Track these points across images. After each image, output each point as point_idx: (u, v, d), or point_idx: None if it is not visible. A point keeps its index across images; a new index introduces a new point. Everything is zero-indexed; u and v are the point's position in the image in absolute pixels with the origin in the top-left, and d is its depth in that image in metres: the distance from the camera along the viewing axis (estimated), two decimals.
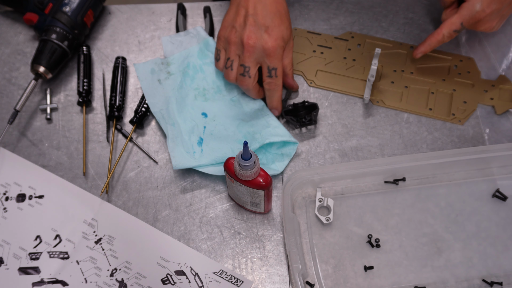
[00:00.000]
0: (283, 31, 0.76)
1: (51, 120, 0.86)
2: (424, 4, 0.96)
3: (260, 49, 0.75)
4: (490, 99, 0.85)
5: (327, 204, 0.76)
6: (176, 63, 0.86)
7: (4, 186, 0.80)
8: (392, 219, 0.76)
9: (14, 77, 0.90)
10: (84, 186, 0.80)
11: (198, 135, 0.81)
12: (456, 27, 0.81)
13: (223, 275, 0.73)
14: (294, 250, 0.69)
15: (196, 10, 0.96)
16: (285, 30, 0.77)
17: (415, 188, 0.78)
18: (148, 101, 0.84)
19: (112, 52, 0.92)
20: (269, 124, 0.80)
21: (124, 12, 0.96)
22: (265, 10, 0.75)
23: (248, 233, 0.76)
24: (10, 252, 0.75)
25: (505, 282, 0.71)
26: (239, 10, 0.77)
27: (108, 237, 0.76)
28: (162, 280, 0.73)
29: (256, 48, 0.75)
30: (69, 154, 0.83)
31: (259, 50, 0.75)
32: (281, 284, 0.73)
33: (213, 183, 0.80)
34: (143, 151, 0.83)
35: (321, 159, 0.81)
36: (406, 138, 0.83)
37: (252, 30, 0.75)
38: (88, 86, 0.86)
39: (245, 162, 0.65)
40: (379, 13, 0.95)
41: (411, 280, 0.72)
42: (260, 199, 0.72)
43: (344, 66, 0.89)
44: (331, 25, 0.94)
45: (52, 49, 0.85)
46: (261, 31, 0.75)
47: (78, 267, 0.74)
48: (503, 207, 0.76)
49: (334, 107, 0.86)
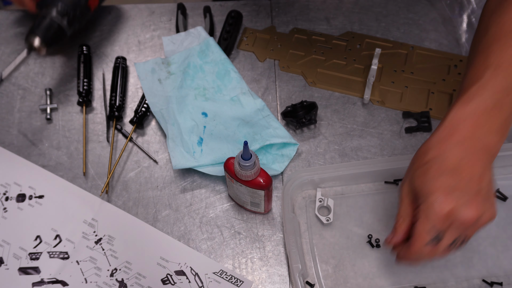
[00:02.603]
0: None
1: (51, 120, 0.86)
2: (424, 4, 0.96)
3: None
4: None
5: (327, 204, 0.76)
6: (177, 63, 0.86)
7: (4, 186, 0.80)
8: (392, 219, 0.76)
9: (14, 77, 0.90)
10: (84, 186, 0.80)
11: (198, 135, 0.81)
12: (429, 236, 0.59)
13: (223, 275, 0.73)
14: (294, 250, 0.69)
15: (196, 10, 0.96)
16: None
17: None
18: (148, 101, 0.84)
19: (112, 52, 0.92)
20: (270, 125, 0.80)
21: (124, 12, 0.96)
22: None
23: (248, 233, 0.76)
24: (10, 252, 0.75)
25: (505, 282, 0.71)
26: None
27: (108, 237, 0.76)
28: (162, 280, 0.73)
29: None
30: (69, 154, 0.83)
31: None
32: (281, 284, 0.73)
33: (213, 183, 0.80)
34: (143, 151, 0.83)
35: (321, 159, 0.81)
36: (406, 138, 0.83)
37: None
38: (88, 86, 0.86)
39: (245, 162, 0.65)
40: (379, 13, 0.95)
41: (411, 280, 0.72)
42: (260, 199, 0.72)
43: (344, 66, 0.89)
44: (331, 25, 0.94)
45: (50, 24, 0.82)
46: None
47: (78, 267, 0.74)
48: (503, 207, 0.76)
49: (334, 107, 0.86)
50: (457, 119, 0.60)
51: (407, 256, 0.62)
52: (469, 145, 0.59)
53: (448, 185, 0.58)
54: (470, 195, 0.58)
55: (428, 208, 0.58)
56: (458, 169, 0.59)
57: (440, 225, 0.58)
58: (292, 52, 0.91)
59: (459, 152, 0.59)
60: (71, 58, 0.91)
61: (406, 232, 0.62)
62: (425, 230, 0.59)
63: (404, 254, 0.62)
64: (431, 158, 0.60)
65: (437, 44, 0.91)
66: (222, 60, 0.86)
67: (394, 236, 0.63)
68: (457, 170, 0.59)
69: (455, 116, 0.60)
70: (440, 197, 0.58)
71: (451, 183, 0.58)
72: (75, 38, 0.93)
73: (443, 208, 0.57)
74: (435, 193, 0.58)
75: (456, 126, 0.60)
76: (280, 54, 0.91)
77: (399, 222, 0.63)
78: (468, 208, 0.57)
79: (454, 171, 0.58)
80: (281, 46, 0.92)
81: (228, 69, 0.85)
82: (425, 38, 0.92)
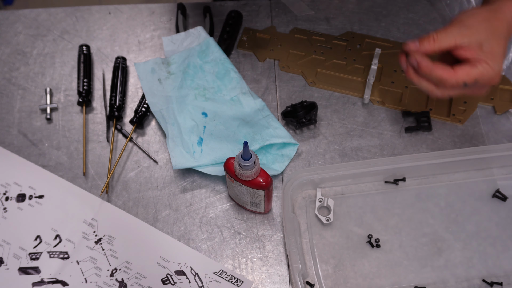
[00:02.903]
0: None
1: (51, 120, 0.86)
2: (424, 4, 0.96)
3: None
4: (490, 99, 0.85)
5: (327, 204, 0.76)
6: (177, 63, 0.86)
7: (4, 186, 0.80)
8: (392, 219, 0.76)
9: (14, 77, 0.90)
10: (84, 186, 0.80)
11: (198, 135, 0.81)
12: (470, 81, 0.68)
13: (223, 275, 0.73)
14: (294, 250, 0.69)
15: (196, 10, 0.96)
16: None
17: (415, 188, 0.78)
18: (148, 101, 0.84)
19: (112, 52, 0.92)
20: (270, 125, 0.80)
21: (124, 12, 0.96)
22: None
23: (248, 233, 0.76)
24: (10, 252, 0.75)
25: (505, 282, 0.71)
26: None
27: (108, 237, 0.76)
28: (162, 280, 0.73)
29: None
30: (69, 154, 0.83)
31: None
32: (281, 284, 0.73)
33: (213, 183, 0.80)
34: (143, 151, 0.83)
35: (321, 159, 0.81)
36: (406, 138, 0.83)
37: None
38: (88, 86, 0.86)
39: (245, 162, 0.65)
40: (379, 13, 0.95)
41: (411, 280, 0.72)
42: (260, 199, 0.72)
43: (344, 66, 0.89)
44: (331, 25, 0.94)
45: None
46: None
47: (78, 267, 0.74)
48: (503, 207, 0.76)
49: (334, 107, 0.86)
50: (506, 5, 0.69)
51: (446, 75, 0.67)
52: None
53: (501, 66, 0.67)
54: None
55: (489, 69, 0.66)
56: (504, 52, 0.68)
57: (479, 81, 0.67)
58: (292, 52, 0.91)
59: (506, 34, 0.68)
60: (71, 58, 0.92)
61: (431, 52, 0.68)
62: (474, 76, 0.66)
63: (444, 73, 0.67)
64: (496, 31, 0.68)
65: None
66: (222, 60, 0.86)
67: (421, 46, 0.68)
68: (504, 53, 0.68)
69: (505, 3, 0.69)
70: (499, 71, 0.66)
71: (501, 63, 0.67)
72: (75, 38, 0.93)
73: (496, 81, 0.67)
74: (501, 66, 0.66)
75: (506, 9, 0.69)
76: (280, 54, 0.91)
77: (433, 41, 0.68)
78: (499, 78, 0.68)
79: (503, 55, 0.68)
80: (281, 46, 0.92)
81: (228, 69, 0.85)
82: None
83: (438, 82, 0.68)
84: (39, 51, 0.92)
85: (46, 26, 0.95)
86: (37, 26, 0.95)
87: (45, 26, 0.95)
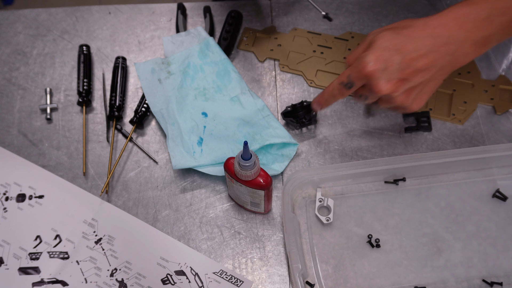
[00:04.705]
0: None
1: (51, 120, 0.86)
2: (424, 4, 0.96)
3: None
4: (490, 99, 0.85)
5: (327, 204, 0.76)
6: (177, 63, 0.86)
7: (4, 186, 0.80)
8: (392, 219, 0.76)
9: (14, 77, 0.90)
10: (84, 186, 0.80)
11: (198, 135, 0.81)
12: (343, 80, 0.68)
13: (223, 275, 0.73)
14: (294, 250, 0.69)
15: (196, 10, 0.96)
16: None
17: (415, 188, 0.78)
18: (148, 101, 0.84)
19: (112, 52, 0.92)
20: (270, 125, 0.80)
21: (124, 12, 0.96)
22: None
23: (248, 233, 0.76)
24: (10, 252, 0.75)
25: (505, 282, 0.71)
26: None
27: (108, 237, 0.76)
28: (162, 280, 0.73)
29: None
30: (69, 154, 0.83)
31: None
32: (281, 284, 0.73)
33: (213, 183, 0.80)
34: (143, 151, 0.83)
35: (321, 159, 0.81)
36: (406, 138, 0.83)
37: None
38: (88, 86, 0.86)
39: (245, 162, 0.65)
40: (379, 13, 0.95)
41: (411, 280, 0.72)
42: (260, 199, 0.72)
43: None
44: (331, 25, 0.94)
45: None
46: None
47: (78, 267, 0.74)
48: (503, 207, 0.76)
49: (334, 107, 0.86)
50: (449, 17, 0.64)
51: (325, 91, 0.71)
52: (439, 45, 0.64)
53: (393, 60, 0.63)
54: (396, 78, 0.64)
55: (360, 61, 0.64)
56: (415, 58, 0.63)
57: (354, 77, 0.66)
58: (292, 52, 0.91)
59: (426, 44, 0.64)
60: (71, 58, 0.91)
61: (350, 63, 0.70)
62: (345, 73, 0.67)
63: (324, 91, 0.72)
64: (404, 33, 0.65)
65: None
66: (222, 60, 0.86)
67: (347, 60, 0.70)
68: (414, 58, 0.63)
69: (450, 12, 0.65)
70: (372, 61, 0.63)
71: (392, 60, 0.63)
72: (75, 38, 0.93)
73: (366, 69, 0.64)
74: (373, 55, 0.64)
75: (444, 23, 0.64)
76: (280, 54, 0.91)
77: (350, 55, 0.70)
78: (383, 83, 0.64)
79: (404, 55, 0.63)
80: (281, 46, 0.92)
81: (228, 69, 0.85)
82: None
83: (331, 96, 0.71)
84: (39, 51, 0.92)
85: (46, 26, 0.95)
86: (37, 26, 0.95)
87: (45, 26, 0.95)
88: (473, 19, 0.64)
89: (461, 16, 0.64)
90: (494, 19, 0.64)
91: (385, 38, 0.65)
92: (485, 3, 0.64)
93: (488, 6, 0.63)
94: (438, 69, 0.65)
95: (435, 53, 0.64)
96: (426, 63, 0.64)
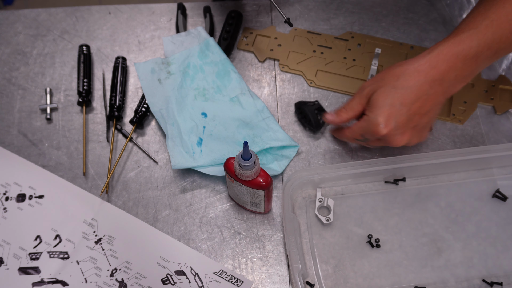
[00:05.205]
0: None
1: (51, 120, 0.86)
2: (424, 4, 0.96)
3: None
4: (490, 99, 0.85)
5: (327, 204, 0.76)
6: (177, 63, 0.86)
7: (4, 186, 0.80)
8: (392, 219, 0.76)
9: (14, 77, 0.90)
10: (84, 186, 0.80)
11: (197, 135, 0.81)
12: (357, 136, 0.74)
13: (223, 275, 0.73)
14: (294, 250, 0.69)
15: (196, 10, 0.96)
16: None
17: (415, 188, 0.78)
18: (148, 101, 0.84)
19: (112, 52, 0.92)
20: (269, 127, 0.80)
21: (124, 12, 0.96)
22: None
23: (248, 233, 0.76)
24: (10, 252, 0.75)
25: (505, 282, 0.71)
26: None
27: (108, 237, 0.76)
28: (162, 280, 0.73)
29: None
30: (69, 154, 0.83)
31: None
32: (281, 284, 0.73)
33: (213, 183, 0.80)
34: (143, 151, 0.83)
35: (321, 159, 0.81)
36: None
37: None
38: (88, 86, 0.86)
39: (245, 162, 0.65)
40: (379, 13, 0.95)
41: (411, 280, 0.72)
42: (260, 199, 0.72)
43: (344, 66, 0.89)
44: (331, 25, 0.94)
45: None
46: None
47: (78, 267, 0.74)
48: (503, 207, 0.76)
49: (334, 107, 0.86)
50: (439, 59, 0.68)
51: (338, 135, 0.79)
52: (435, 86, 0.68)
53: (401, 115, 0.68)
54: (407, 128, 0.70)
55: (371, 124, 0.69)
56: (420, 106, 0.69)
57: (368, 135, 0.72)
58: (292, 52, 0.91)
59: (424, 90, 0.68)
60: (71, 58, 0.91)
61: (345, 121, 0.75)
62: (359, 132, 0.72)
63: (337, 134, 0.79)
64: (401, 84, 0.69)
65: None
66: (222, 60, 0.86)
67: (335, 118, 0.75)
68: (419, 106, 0.69)
69: (440, 54, 0.68)
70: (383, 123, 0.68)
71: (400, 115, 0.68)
72: (75, 38, 0.93)
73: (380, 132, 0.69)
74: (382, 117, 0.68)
75: (435, 65, 0.68)
76: (280, 54, 0.91)
77: (345, 111, 0.74)
78: (399, 138, 0.70)
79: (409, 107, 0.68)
80: (281, 46, 0.92)
81: (228, 69, 0.85)
82: (425, 38, 0.92)
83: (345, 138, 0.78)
84: (39, 51, 0.92)
85: (46, 26, 0.95)
86: (37, 26, 0.95)
87: (45, 26, 0.95)
88: (462, 59, 0.67)
89: (451, 57, 0.67)
90: (480, 55, 0.67)
91: (385, 95, 0.69)
92: (472, 41, 0.67)
93: (475, 44, 0.67)
94: (438, 105, 0.71)
95: (433, 95, 0.69)
96: (429, 105, 0.69)
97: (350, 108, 0.74)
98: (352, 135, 0.74)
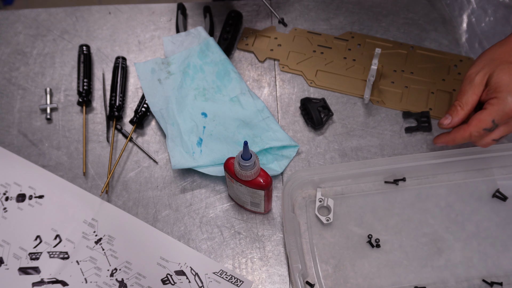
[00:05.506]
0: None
1: (51, 120, 0.86)
2: (424, 4, 0.96)
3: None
4: None
5: (327, 204, 0.76)
6: (177, 63, 0.86)
7: (4, 186, 0.80)
8: (392, 219, 0.76)
9: (14, 77, 0.90)
10: (84, 186, 0.80)
11: (197, 135, 0.81)
12: (486, 125, 0.68)
13: (223, 275, 0.73)
14: (294, 250, 0.69)
15: (196, 10, 0.96)
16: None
17: (415, 188, 0.78)
18: (148, 101, 0.84)
19: (112, 52, 0.92)
20: (269, 127, 0.80)
21: (124, 12, 0.96)
22: None
23: (248, 233, 0.76)
24: (10, 252, 0.75)
25: (505, 282, 0.71)
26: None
27: (108, 237, 0.76)
28: (162, 280, 0.73)
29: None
30: (69, 154, 0.83)
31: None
32: (281, 284, 0.73)
33: (213, 183, 0.80)
34: (143, 151, 0.83)
35: (321, 159, 0.81)
36: (406, 138, 0.83)
37: None
38: (88, 86, 0.86)
39: (245, 162, 0.65)
40: (379, 13, 0.95)
41: (411, 280, 0.72)
42: (260, 199, 0.72)
43: (344, 66, 0.89)
44: (331, 25, 0.94)
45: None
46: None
47: (78, 267, 0.74)
48: (503, 207, 0.76)
49: (334, 107, 0.86)
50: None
51: (458, 135, 0.70)
52: None
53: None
54: None
55: (500, 103, 0.66)
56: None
57: (500, 119, 0.67)
58: (292, 52, 0.91)
59: None
60: (71, 58, 0.92)
61: (463, 118, 0.70)
62: (488, 119, 0.68)
63: (456, 134, 0.71)
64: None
65: (437, 44, 0.91)
66: (222, 60, 0.86)
67: (453, 118, 0.70)
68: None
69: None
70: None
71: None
72: (75, 38, 0.93)
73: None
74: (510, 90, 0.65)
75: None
76: (280, 54, 0.91)
77: (460, 108, 0.70)
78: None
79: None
80: (281, 46, 0.92)
81: (228, 69, 0.85)
82: (425, 38, 0.92)
83: (465, 141, 0.72)
84: (39, 51, 0.92)
85: (46, 26, 0.95)
86: (37, 26, 0.95)
87: (45, 26, 0.95)
88: None
89: None
90: None
91: (508, 72, 0.67)
92: None
93: None
94: None
95: None
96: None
97: (465, 102, 0.70)
98: (479, 127, 0.68)
